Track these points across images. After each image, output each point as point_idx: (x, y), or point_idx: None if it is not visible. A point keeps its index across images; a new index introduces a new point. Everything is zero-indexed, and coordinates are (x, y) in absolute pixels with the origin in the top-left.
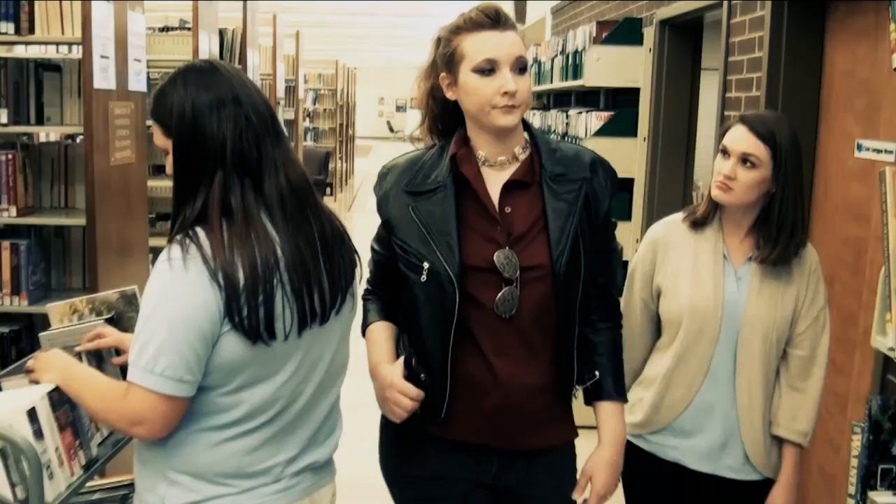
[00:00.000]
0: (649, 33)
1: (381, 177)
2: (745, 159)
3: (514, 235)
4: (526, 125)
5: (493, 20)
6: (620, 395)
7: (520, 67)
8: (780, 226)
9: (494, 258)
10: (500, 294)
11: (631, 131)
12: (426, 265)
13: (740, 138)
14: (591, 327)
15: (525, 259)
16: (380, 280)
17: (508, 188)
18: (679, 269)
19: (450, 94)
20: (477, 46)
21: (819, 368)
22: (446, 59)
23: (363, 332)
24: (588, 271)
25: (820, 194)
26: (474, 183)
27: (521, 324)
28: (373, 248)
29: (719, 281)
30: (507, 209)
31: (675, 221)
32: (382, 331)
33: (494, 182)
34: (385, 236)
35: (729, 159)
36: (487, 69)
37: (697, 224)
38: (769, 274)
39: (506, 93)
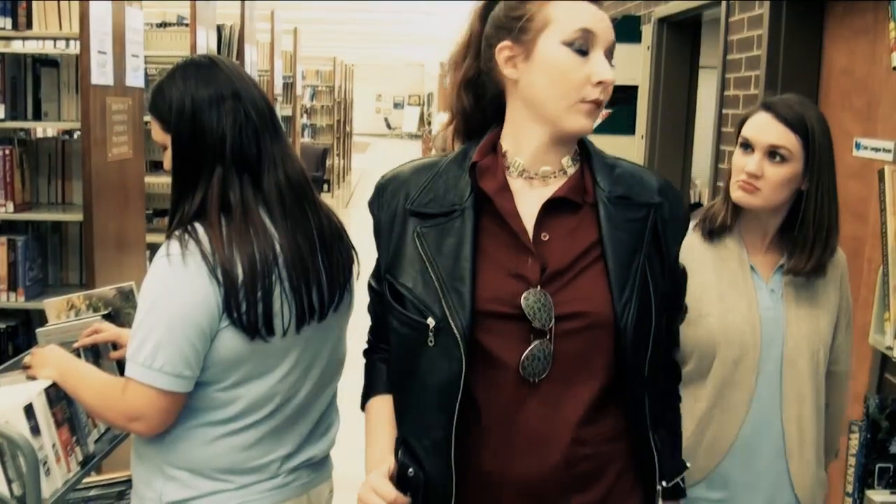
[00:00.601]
0: (647, 31)
1: (380, 190)
2: (773, 152)
3: (549, 271)
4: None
5: None
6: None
7: (609, 55)
8: (816, 230)
9: (522, 301)
10: (528, 350)
11: (629, 129)
12: (431, 322)
13: (766, 128)
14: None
15: (563, 303)
16: (382, 325)
17: (549, 208)
18: (701, 288)
19: (509, 71)
20: (571, 13)
21: (848, 380)
22: (512, 25)
23: (364, 402)
24: (659, 326)
25: None
26: (497, 200)
27: (552, 390)
28: (371, 288)
29: (752, 297)
30: (544, 236)
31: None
32: (384, 413)
33: (531, 199)
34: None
35: (752, 154)
36: (582, 47)
37: (715, 234)
38: (802, 283)
39: (600, 82)
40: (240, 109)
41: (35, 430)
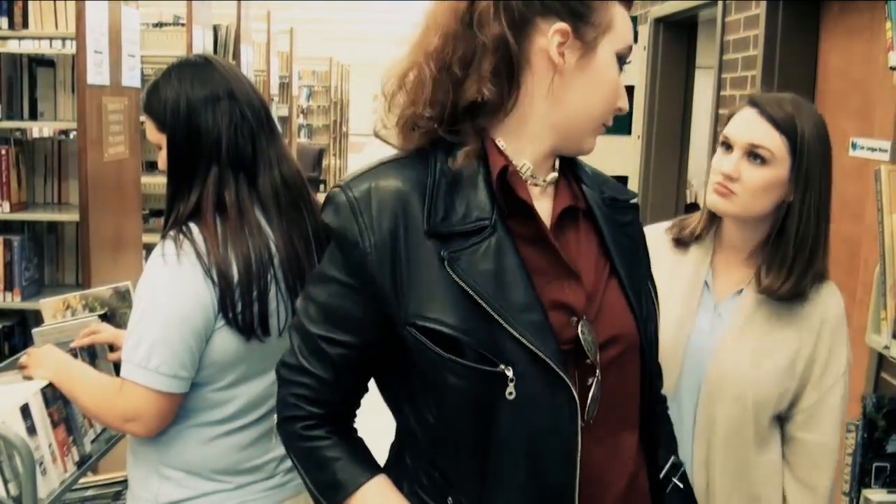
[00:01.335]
0: (644, 31)
1: (355, 206)
2: (752, 153)
3: (587, 293)
4: None
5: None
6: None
7: None
8: (796, 247)
9: (580, 335)
10: (591, 391)
11: (625, 129)
12: (508, 370)
13: (748, 125)
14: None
15: (600, 329)
16: (346, 387)
17: (559, 220)
18: None
19: (557, 58)
20: (626, 25)
21: (831, 458)
22: (572, 7)
23: (344, 496)
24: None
25: None
26: (537, 216)
27: (604, 430)
28: (323, 338)
29: (689, 314)
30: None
31: (659, 231)
32: (400, 497)
33: (540, 212)
34: (362, 315)
35: (731, 153)
36: (625, 62)
37: (681, 242)
38: (764, 315)
39: (620, 109)
40: (235, 109)
41: (31, 431)
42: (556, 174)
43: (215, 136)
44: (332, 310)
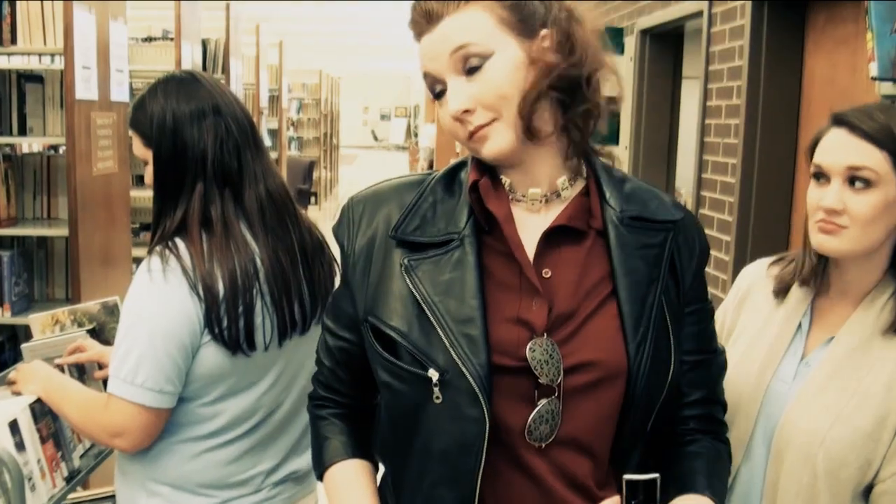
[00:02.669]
0: (630, 43)
1: (350, 212)
2: (853, 178)
3: (554, 314)
4: (580, 147)
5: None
6: (717, 495)
7: (470, 66)
8: None
9: (527, 352)
10: (535, 411)
11: (613, 139)
12: (434, 375)
13: (841, 147)
14: (680, 444)
15: (571, 353)
16: (345, 379)
17: (550, 239)
18: (743, 329)
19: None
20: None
21: None
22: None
23: (320, 475)
24: (679, 373)
25: (801, 203)
26: (507, 230)
27: (561, 457)
28: (328, 329)
29: (773, 360)
30: (546, 272)
31: (762, 267)
32: (356, 482)
33: (527, 228)
34: (354, 313)
35: (828, 184)
36: (435, 91)
37: (782, 293)
38: (854, 366)
39: (455, 118)
40: (221, 124)
41: (20, 446)
42: (537, 190)
43: (201, 152)
44: (336, 305)
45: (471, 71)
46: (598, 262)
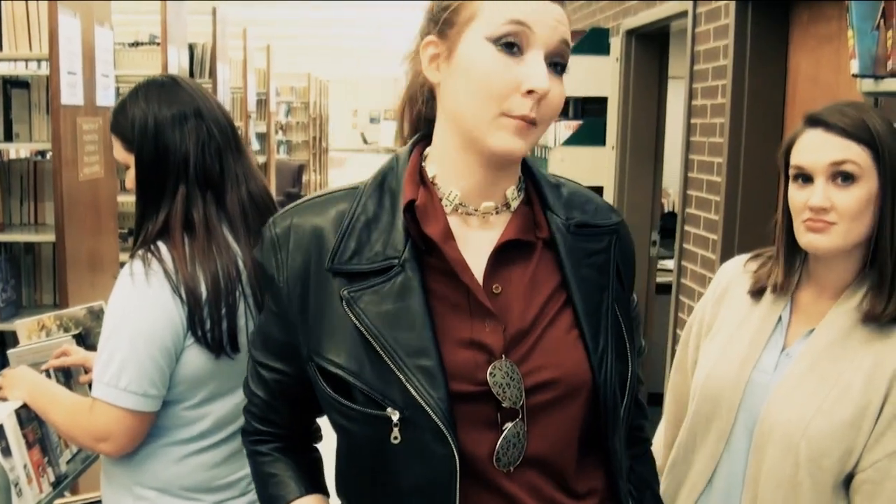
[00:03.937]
0: (616, 43)
1: (274, 242)
2: (836, 173)
3: (509, 333)
4: None
5: None
6: None
7: (560, 63)
8: (895, 261)
9: (488, 377)
10: (502, 437)
11: (600, 140)
12: (394, 414)
13: (821, 145)
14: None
15: (531, 372)
16: (283, 410)
17: (499, 254)
18: (722, 324)
19: (431, 74)
20: (496, 7)
21: None
22: (439, 15)
23: None
24: (634, 379)
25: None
26: (448, 252)
27: (530, 477)
28: (258, 362)
29: (754, 352)
30: (496, 288)
31: (738, 265)
32: None
33: (474, 243)
34: (287, 341)
35: (810, 185)
36: (513, 44)
37: (757, 293)
38: (834, 357)
39: (531, 92)
40: (202, 128)
41: (6, 451)
42: (491, 203)
43: (183, 155)
44: (266, 336)
45: (559, 69)
46: (549, 274)
